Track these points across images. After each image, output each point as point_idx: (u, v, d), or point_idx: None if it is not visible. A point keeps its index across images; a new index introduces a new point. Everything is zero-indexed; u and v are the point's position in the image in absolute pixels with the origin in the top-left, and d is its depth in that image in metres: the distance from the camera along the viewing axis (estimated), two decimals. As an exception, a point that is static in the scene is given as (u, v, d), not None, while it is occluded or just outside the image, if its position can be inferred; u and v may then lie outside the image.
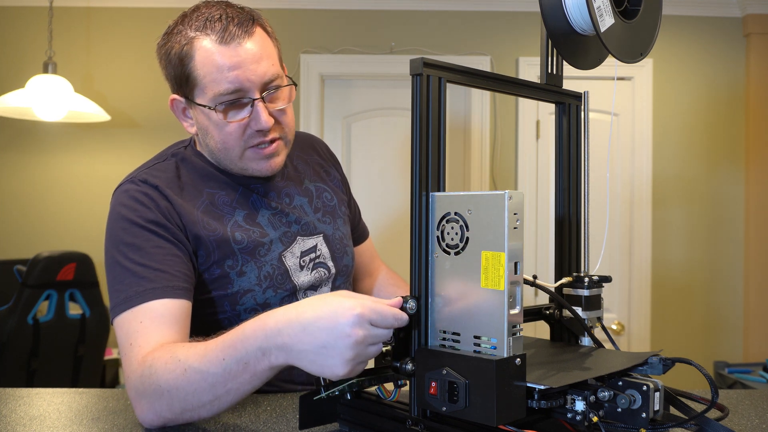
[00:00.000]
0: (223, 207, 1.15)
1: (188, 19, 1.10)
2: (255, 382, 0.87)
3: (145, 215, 1.07)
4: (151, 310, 0.99)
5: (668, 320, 3.47)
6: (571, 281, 0.95)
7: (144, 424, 0.94)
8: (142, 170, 1.16)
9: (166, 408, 0.91)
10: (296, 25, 3.40)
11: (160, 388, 0.90)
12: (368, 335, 0.78)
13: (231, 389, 0.87)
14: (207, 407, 0.89)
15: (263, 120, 1.09)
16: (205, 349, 0.89)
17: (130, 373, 0.96)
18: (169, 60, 1.11)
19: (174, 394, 0.90)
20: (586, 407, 0.72)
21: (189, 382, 0.88)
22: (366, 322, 0.78)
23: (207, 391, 0.88)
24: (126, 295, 1.01)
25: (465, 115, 3.45)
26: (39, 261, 2.75)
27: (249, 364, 0.85)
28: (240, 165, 1.14)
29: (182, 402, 0.90)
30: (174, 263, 1.05)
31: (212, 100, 1.08)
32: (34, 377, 2.80)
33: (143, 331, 0.98)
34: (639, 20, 0.93)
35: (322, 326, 0.79)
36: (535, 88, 0.97)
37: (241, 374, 0.86)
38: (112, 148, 3.39)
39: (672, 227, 3.48)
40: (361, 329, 0.78)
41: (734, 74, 3.51)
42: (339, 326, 0.78)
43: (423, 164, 0.80)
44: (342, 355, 0.78)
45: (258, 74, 1.08)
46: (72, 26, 3.38)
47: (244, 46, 1.07)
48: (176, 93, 1.15)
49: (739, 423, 0.95)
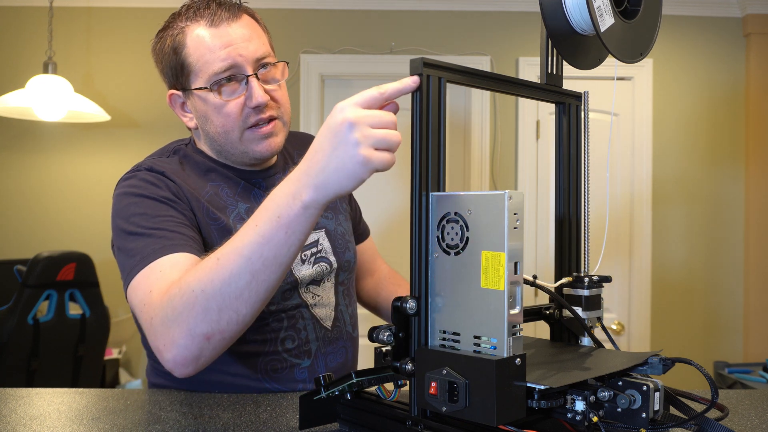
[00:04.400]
0: (227, 198, 1.17)
1: (178, 15, 1.16)
2: (291, 239, 0.83)
3: (155, 192, 1.08)
4: (172, 260, 0.96)
5: (668, 320, 3.47)
6: (571, 281, 0.95)
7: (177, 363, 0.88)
8: (146, 161, 1.18)
9: (201, 316, 0.85)
10: (296, 25, 3.40)
11: (192, 293, 0.86)
12: (361, 114, 0.78)
13: (267, 258, 0.84)
14: (245, 295, 0.85)
15: (259, 95, 1.12)
16: (234, 234, 0.88)
17: (155, 311, 0.90)
18: (164, 54, 1.15)
19: (209, 290, 0.85)
20: (586, 407, 0.72)
21: (223, 267, 0.85)
22: (350, 105, 0.79)
23: (243, 268, 0.84)
24: (142, 255, 0.98)
25: (465, 115, 3.45)
26: (39, 261, 2.75)
27: (282, 216, 0.83)
28: (241, 148, 1.16)
29: (218, 296, 0.85)
30: (188, 230, 1.04)
31: (207, 81, 1.12)
32: (34, 377, 2.80)
33: (164, 277, 0.94)
34: (639, 20, 0.93)
35: (323, 137, 0.80)
36: (535, 88, 0.97)
37: (275, 232, 0.83)
38: (112, 148, 3.39)
39: (672, 227, 3.48)
40: (350, 110, 0.78)
41: (734, 74, 3.51)
42: (332, 123, 0.79)
43: (423, 164, 0.80)
44: (349, 141, 0.77)
45: (249, 51, 1.12)
46: (72, 26, 3.38)
47: (233, 27, 1.12)
48: (173, 87, 1.18)
49: (739, 423, 0.95)
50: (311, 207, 0.82)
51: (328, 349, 1.21)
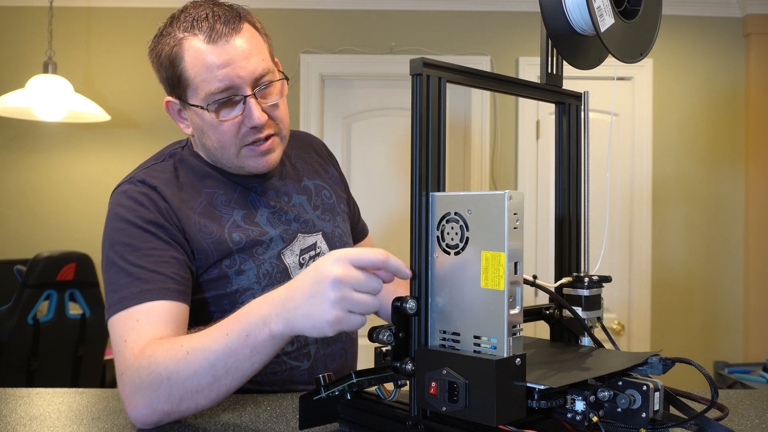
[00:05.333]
0: (222, 207, 1.16)
1: (176, 20, 1.11)
2: (255, 357, 0.87)
3: (143, 215, 1.07)
4: (147, 310, 0.99)
5: (668, 320, 3.46)
6: (571, 281, 0.95)
7: (137, 422, 0.93)
8: (140, 170, 1.16)
9: (164, 398, 0.91)
10: (296, 25, 3.40)
11: (159, 376, 0.90)
12: (349, 275, 0.79)
13: (231, 368, 0.88)
14: (205, 392, 0.90)
15: (256, 116, 1.09)
16: (209, 329, 0.91)
17: (125, 368, 0.95)
18: (161, 63, 1.12)
19: (174, 379, 0.89)
20: (586, 407, 0.72)
21: (189, 364, 0.89)
22: (345, 260, 0.80)
23: (207, 371, 0.88)
24: (121, 295, 1.01)
25: (465, 115, 3.45)
26: (39, 261, 2.75)
27: (250, 336, 0.86)
28: (237, 163, 1.15)
29: (181, 387, 0.89)
30: (170, 265, 1.05)
31: (204, 100, 1.08)
32: (34, 377, 2.80)
33: (139, 328, 0.98)
34: (639, 20, 0.93)
35: (307, 277, 0.83)
36: (535, 88, 0.97)
37: (241, 348, 0.86)
38: (112, 148, 3.39)
39: (672, 227, 3.48)
40: (341, 267, 0.80)
41: (734, 74, 3.51)
42: (320, 270, 0.81)
43: (423, 164, 0.80)
44: (326, 297, 0.79)
45: (248, 70, 1.08)
46: (72, 26, 3.38)
47: (232, 44, 1.07)
48: (170, 95, 1.16)
49: (739, 423, 0.95)
50: (277, 338, 0.86)
51: (327, 351, 1.21)
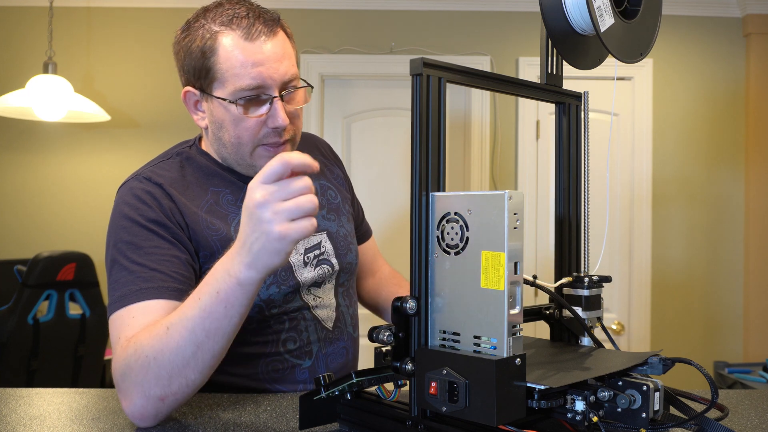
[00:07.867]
0: (228, 206, 1.16)
1: (211, 14, 1.11)
2: (230, 312, 0.88)
3: (146, 214, 1.08)
4: (144, 308, 1.00)
5: (668, 320, 3.47)
6: (571, 281, 0.95)
7: (135, 418, 0.94)
8: (147, 168, 1.17)
9: (153, 381, 0.91)
10: (296, 25, 3.38)
11: (146, 358, 0.91)
12: (267, 191, 0.82)
13: (210, 330, 0.89)
14: (192, 363, 0.90)
15: (281, 118, 1.10)
16: (185, 302, 0.93)
17: (116, 362, 0.96)
18: (190, 52, 1.11)
19: (159, 358, 0.90)
20: (586, 407, 0.72)
21: (171, 337, 0.90)
22: (256, 186, 0.83)
23: (188, 340, 0.89)
24: (121, 293, 1.02)
25: (465, 115, 3.45)
26: (39, 261, 2.75)
27: (220, 292, 0.88)
28: (249, 161, 1.15)
29: (168, 364, 0.90)
30: (171, 264, 1.05)
31: (232, 94, 1.09)
32: (34, 377, 2.80)
33: (133, 325, 0.99)
34: (639, 20, 0.93)
35: (243, 221, 0.86)
36: (535, 88, 0.97)
37: (216, 306, 0.88)
38: (112, 148, 3.39)
39: (672, 227, 3.48)
40: (257, 191, 0.83)
41: (734, 74, 3.51)
42: (246, 208, 0.85)
43: (423, 164, 0.80)
44: (262, 221, 0.82)
45: (279, 73, 1.10)
46: (72, 26, 3.38)
47: (268, 45, 1.09)
48: (190, 84, 1.15)
49: (739, 423, 0.95)
50: (246, 284, 0.87)
51: (329, 350, 1.21)
